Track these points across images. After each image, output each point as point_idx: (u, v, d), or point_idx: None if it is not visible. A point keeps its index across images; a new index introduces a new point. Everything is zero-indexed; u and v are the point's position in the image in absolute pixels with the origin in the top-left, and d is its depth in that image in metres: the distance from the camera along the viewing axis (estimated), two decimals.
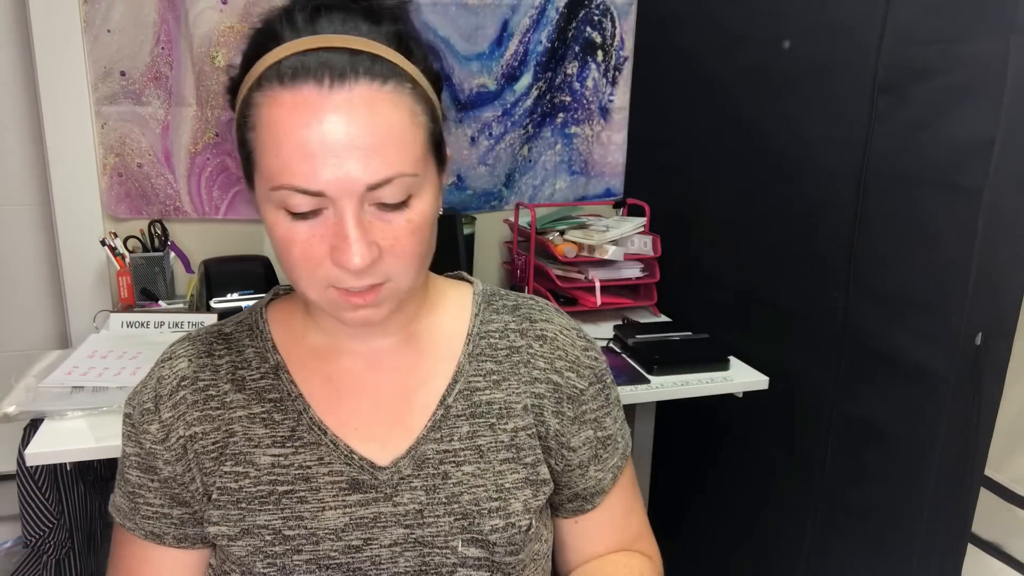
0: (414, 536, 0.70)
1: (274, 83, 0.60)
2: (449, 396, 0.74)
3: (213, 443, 0.71)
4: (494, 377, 0.75)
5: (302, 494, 0.70)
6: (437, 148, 0.66)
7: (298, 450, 0.71)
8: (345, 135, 0.58)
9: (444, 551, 0.71)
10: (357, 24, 0.61)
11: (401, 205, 0.62)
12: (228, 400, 0.72)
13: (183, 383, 0.73)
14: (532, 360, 0.76)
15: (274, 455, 0.71)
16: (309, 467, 0.71)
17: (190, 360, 0.74)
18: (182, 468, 0.71)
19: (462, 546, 0.71)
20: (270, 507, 0.70)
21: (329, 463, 0.71)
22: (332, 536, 0.69)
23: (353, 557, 0.70)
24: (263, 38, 0.62)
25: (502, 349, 0.76)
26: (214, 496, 0.71)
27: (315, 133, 0.58)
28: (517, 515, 0.72)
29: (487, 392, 0.75)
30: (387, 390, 0.74)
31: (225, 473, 0.71)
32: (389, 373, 0.74)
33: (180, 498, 0.72)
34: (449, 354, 0.76)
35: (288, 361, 0.74)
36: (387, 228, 0.62)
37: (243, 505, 0.70)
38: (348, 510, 0.70)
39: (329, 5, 0.62)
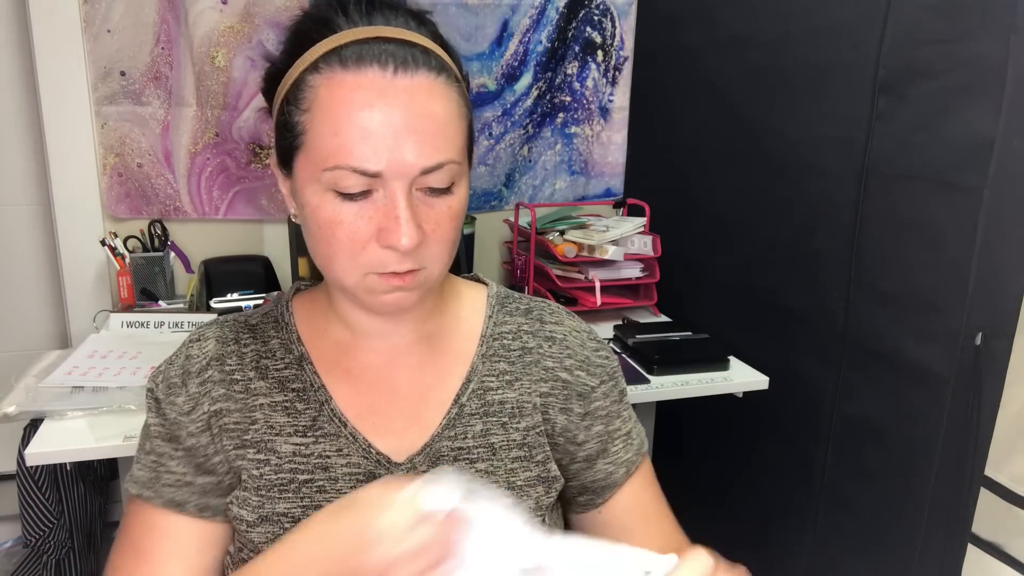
0: None
1: (335, 66, 0.62)
2: (463, 395, 0.75)
3: (235, 423, 0.72)
4: (507, 377, 0.77)
5: (321, 483, 0.71)
6: (470, 143, 0.69)
7: (318, 439, 0.72)
8: (405, 119, 0.61)
9: None
10: (407, 21, 0.65)
11: (446, 191, 0.65)
12: (252, 387, 0.73)
13: (212, 363, 0.74)
14: (542, 360, 0.78)
15: (295, 444, 0.72)
16: (328, 457, 0.72)
17: (218, 342, 0.75)
18: (206, 440, 0.72)
19: None
20: (290, 495, 0.71)
21: (348, 455, 0.72)
22: None
23: None
24: (315, 24, 0.64)
25: (515, 350, 0.78)
26: (244, 478, 0.72)
27: (377, 115, 0.60)
28: (529, 512, 0.72)
29: (500, 392, 0.76)
30: (404, 387, 0.75)
31: (247, 459, 0.71)
32: (406, 370, 0.75)
33: (205, 467, 0.73)
34: (463, 354, 0.77)
35: (311, 353, 0.75)
36: (430, 213, 0.64)
37: (263, 492, 0.71)
38: None
39: (381, 2, 0.65)
